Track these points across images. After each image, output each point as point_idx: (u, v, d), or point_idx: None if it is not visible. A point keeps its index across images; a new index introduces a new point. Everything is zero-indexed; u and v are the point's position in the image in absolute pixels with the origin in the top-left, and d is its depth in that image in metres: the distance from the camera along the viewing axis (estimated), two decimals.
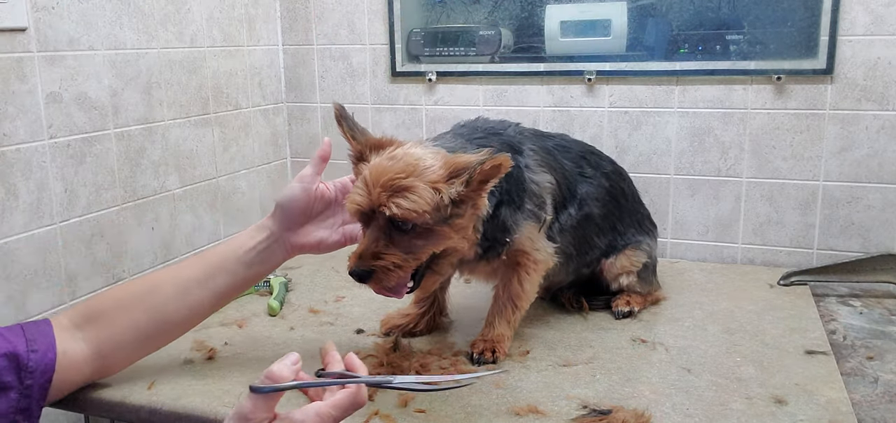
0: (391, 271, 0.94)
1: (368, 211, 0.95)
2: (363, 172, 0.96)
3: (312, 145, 1.82)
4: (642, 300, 1.27)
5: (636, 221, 1.29)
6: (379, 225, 0.95)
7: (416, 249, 0.95)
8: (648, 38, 1.51)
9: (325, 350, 0.83)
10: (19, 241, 1.15)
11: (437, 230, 0.95)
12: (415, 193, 0.91)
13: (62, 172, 1.22)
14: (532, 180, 1.09)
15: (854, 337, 1.18)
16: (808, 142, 1.46)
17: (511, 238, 1.06)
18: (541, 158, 1.12)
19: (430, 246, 0.96)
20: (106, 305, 0.98)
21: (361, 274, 0.94)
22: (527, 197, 1.08)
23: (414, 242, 0.95)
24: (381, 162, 0.95)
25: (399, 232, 0.94)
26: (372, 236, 0.95)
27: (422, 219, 0.92)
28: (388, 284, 0.95)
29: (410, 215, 0.91)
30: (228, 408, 0.95)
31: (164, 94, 1.42)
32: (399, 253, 0.94)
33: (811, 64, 1.42)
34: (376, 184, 0.93)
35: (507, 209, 1.05)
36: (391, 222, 0.93)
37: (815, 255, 1.50)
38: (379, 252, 0.94)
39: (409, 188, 0.92)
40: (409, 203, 0.91)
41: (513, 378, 1.03)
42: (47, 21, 1.17)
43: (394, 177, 0.92)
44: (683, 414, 0.92)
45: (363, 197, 0.94)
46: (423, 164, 0.94)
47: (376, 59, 1.72)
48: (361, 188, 0.95)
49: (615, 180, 1.27)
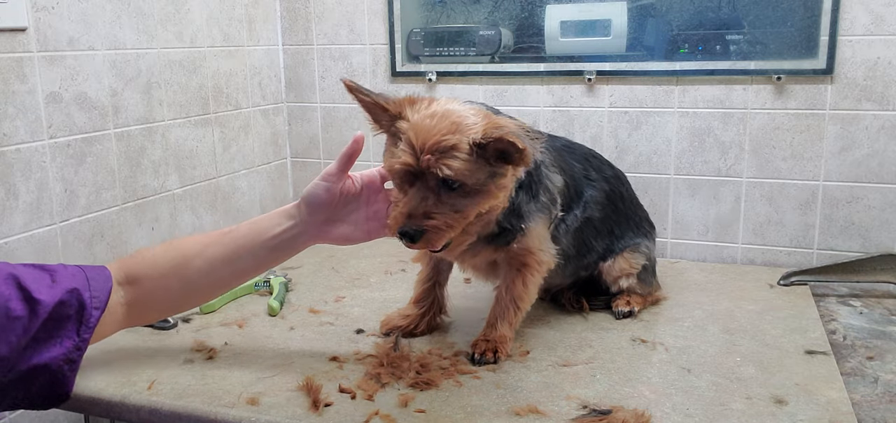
0: (443, 231, 0.94)
1: (416, 171, 0.95)
2: (405, 130, 0.96)
3: (312, 145, 1.82)
4: (642, 301, 1.27)
5: (634, 224, 1.29)
6: (427, 185, 0.95)
7: (463, 207, 0.95)
8: (648, 38, 1.51)
9: None
10: (19, 241, 1.15)
11: (483, 189, 0.95)
12: (462, 151, 0.92)
13: (62, 172, 1.22)
14: (548, 177, 1.10)
15: (854, 337, 1.18)
16: (808, 142, 1.46)
17: (525, 226, 1.06)
18: (553, 158, 1.14)
19: (476, 204, 0.96)
20: (144, 270, 1.02)
21: (413, 234, 0.94)
22: (542, 190, 1.08)
23: (461, 200, 0.95)
24: (423, 121, 0.95)
25: (447, 191, 0.94)
26: (420, 195, 0.95)
27: (472, 177, 0.93)
28: (438, 243, 0.95)
29: (463, 174, 0.92)
30: (228, 408, 0.95)
31: (164, 94, 1.42)
32: (450, 212, 0.94)
33: (811, 64, 1.42)
34: (424, 144, 0.93)
35: (524, 195, 1.06)
36: (441, 181, 0.94)
37: (815, 255, 1.50)
38: (429, 212, 0.94)
39: (457, 147, 0.92)
40: (460, 163, 0.92)
41: (513, 378, 1.03)
42: (47, 21, 1.17)
43: (441, 138, 0.92)
44: (683, 414, 0.92)
45: (411, 157, 0.94)
46: (466, 121, 0.94)
47: (376, 59, 1.72)
48: (408, 149, 0.94)
49: (614, 185, 1.27)
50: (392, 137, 1.00)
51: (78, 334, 0.93)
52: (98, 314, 0.94)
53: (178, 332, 1.22)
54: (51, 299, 0.90)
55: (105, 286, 0.97)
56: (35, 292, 0.89)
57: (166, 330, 1.21)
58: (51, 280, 0.92)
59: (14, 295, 0.88)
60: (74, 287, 0.93)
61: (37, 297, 0.89)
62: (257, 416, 0.93)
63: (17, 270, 0.90)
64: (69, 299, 0.92)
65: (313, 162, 1.83)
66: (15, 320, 0.87)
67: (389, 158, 0.98)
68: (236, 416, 0.93)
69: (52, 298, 0.90)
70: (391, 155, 0.98)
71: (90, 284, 0.95)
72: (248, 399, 0.97)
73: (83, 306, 0.93)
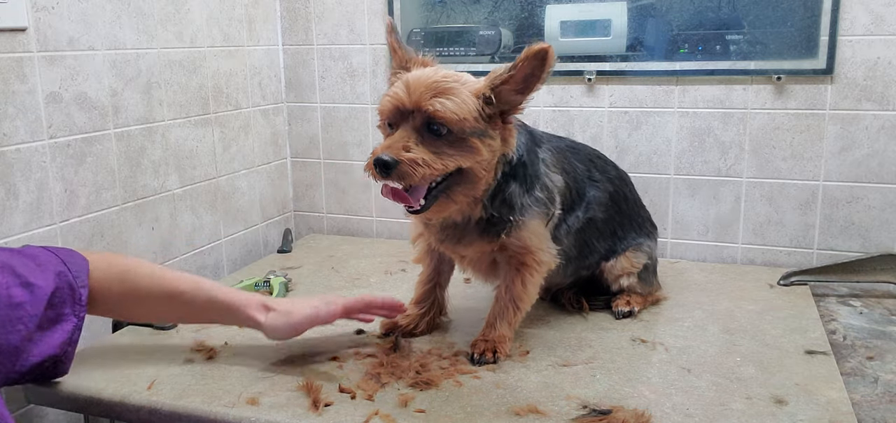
0: (418, 167, 0.93)
1: (406, 110, 0.96)
2: (404, 77, 0.98)
3: (312, 145, 1.82)
4: (642, 300, 1.27)
5: (636, 224, 1.29)
6: (413, 125, 0.96)
7: (445, 155, 0.96)
8: (648, 38, 1.51)
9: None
10: (19, 241, 1.15)
11: (469, 141, 0.96)
12: (458, 96, 0.94)
13: (62, 172, 1.22)
14: (547, 174, 1.10)
15: (854, 337, 1.18)
16: (808, 142, 1.46)
17: (516, 218, 1.06)
18: (556, 159, 1.14)
19: (459, 156, 0.96)
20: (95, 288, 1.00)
21: (387, 163, 0.92)
22: (539, 186, 1.08)
23: (445, 148, 0.95)
24: (425, 72, 0.98)
25: (432, 135, 0.95)
26: (402, 134, 0.95)
27: (460, 125, 0.94)
28: (411, 179, 0.94)
29: (451, 115, 0.93)
30: (228, 408, 0.95)
31: (164, 94, 1.42)
32: (429, 152, 0.94)
33: (811, 64, 1.42)
34: (419, 85, 0.95)
35: (516, 186, 1.05)
36: (427, 124, 0.94)
37: (815, 255, 1.50)
38: (408, 147, 0.94)
39: (452, 91, 0.94)
40: (453, 104, 0.93)
41: (513, 378, 1.03)
42: (47, 21, 1.17)
43: (438, 81, 0.95)
44: (683, 414, 0.92)
45: (404, 95, 0.95)
46: (465, 77, 0.98)
47: (376, 59, 1.72)
48: (402, 88, 0.96)
49: (618, 186, 1.27)
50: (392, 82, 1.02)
51: (75, 314, 0.95)
52: (86, 292, 0.97)
53: (178, 332, 1.22)
54: (45, 282, 0.91)
55: (82, 265, 0.98)
56: (30, 277, 0.90)
57: (166, 330, 1.21)
58: (35, 264, 0.92)
59: (12, 282, 0.88)
60: (59, 269, 0.94)
61: (33, 281, 0.90)
62: (257, 416, 0.93)
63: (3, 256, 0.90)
64: (60, 282, 0.94)
65: (313, 162, 1.83)
66: (19, 307, 0.88)
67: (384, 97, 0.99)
68: (236, 416, 0.94)
69: (46, 281, 0.91)
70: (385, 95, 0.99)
71: (67, 264, 0.96)
72: (248, 399, 0.97)
73: (72, 286, 0.95)
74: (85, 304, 0.96)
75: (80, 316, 0.96)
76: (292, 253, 1.69)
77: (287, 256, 1.67)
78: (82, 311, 0.96)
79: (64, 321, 0.95)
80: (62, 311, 0.94)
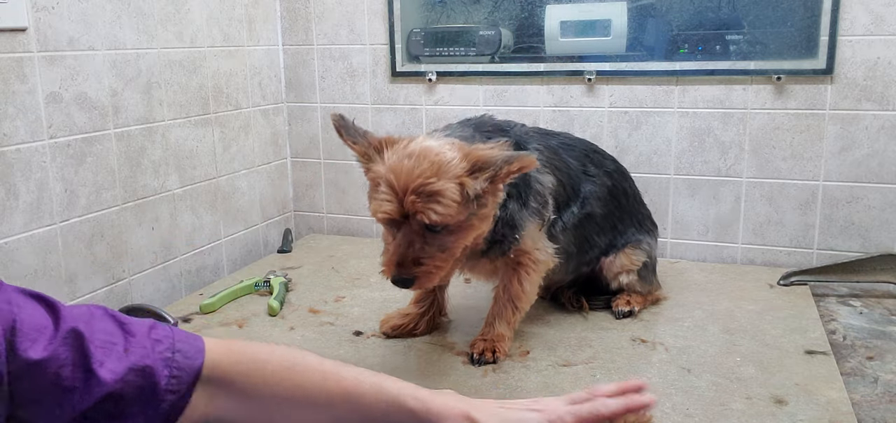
0: (433, 273, 0.97)
1: (400, 220, 0.95)
2: (384, 174, 0.95)
3: (312, 145, 1.82)
4: (642, 300, 1.27)
5: (637, 220, 1.29)
6: (412, 229, 0.95)
7: (450, 246, 0.97)
8: (648, 38, 1.51)
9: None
10: (19, 241, 1.15)
11: (466, 224, 0.97)
12: (445, 196, 0.92)
13: (62, 172, 1.22)
14: (537, 180, 1.10)
15: (854, 337, 1.18)
16: (808, 142, 1.46)
17: (519, 234, 1.07)
18: (545, 159, 1.13)
19: (461, 240, 0.98)
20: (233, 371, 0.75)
21: (406, 280, 0.96)
22: (532, 195, 1.09)
23: (447, 240, 0.97)
24: (402, 162, 0.94)
25: (432, 232, 0.96)
26: (406, 241, 0.96)
27: (455, 219, 0.94)
28: (431, 284, 0.98)
29: (446, 218, 0.93)
30: None
31: (164, 94, 1.42)
32: (438, 254, 0.96)
33: (811, 64, 1.42)
34: (406, 190, 0.93)
35: (515, 204, 1.06)
36: (425, 226, 0.95)
37: (815, 255, 1.50)
38: (418, 257, 0.95)
39: (439, 192, 0.92)
40: (443, 207, 0.92)
41: (513, 378, 1.03)
42: (47, 21, 1.17)
43: (423, 182, 0.92)
44: (683, 414, 0.92)
45: (394, 205, 0.94)
46: (444, 159, 0.94)
47: (376, 59, 1.72)
48: (390, 195, 0.94)
49: (617, 179, 1.27)
50: (372, 181, 0.99)
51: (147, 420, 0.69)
52: (172, 399, 0.70)
53: None
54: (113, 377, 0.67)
55: (192, 365, 0.72)
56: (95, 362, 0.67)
57: None
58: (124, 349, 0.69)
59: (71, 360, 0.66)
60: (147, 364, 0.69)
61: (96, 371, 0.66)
62: None
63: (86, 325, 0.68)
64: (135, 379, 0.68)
65: (313, 162, 1.83)
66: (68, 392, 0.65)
67: (373, 205, 0.97)
68: None
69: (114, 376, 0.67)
70: (373, 200, 0.98)
71: (174, 357, 0.71)
72: None
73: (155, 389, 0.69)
74: (162, 414, 0.70)
75: None
76: (292, 253, 1.69)
77: (287, 256, 1.67)
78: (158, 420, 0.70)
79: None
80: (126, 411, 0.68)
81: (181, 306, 1.30)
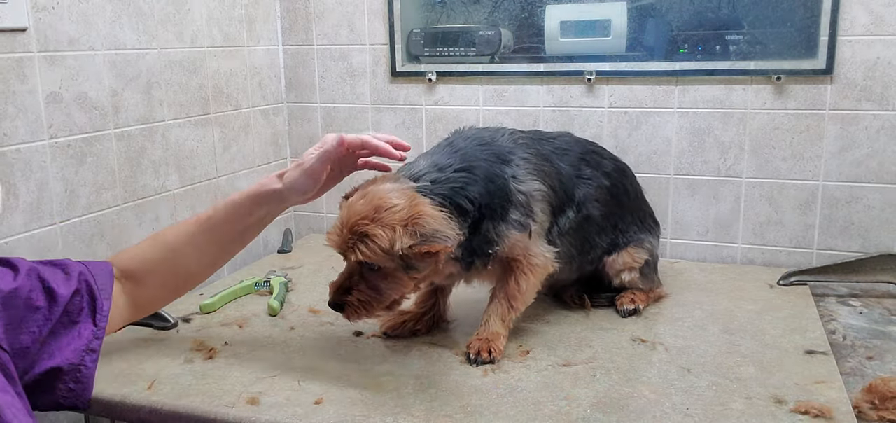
0: (358, 309, 1.02)
1: (342, 252, 1.01)
2: (341, 210, 1.03)
3: (312, 145, 1.81)
4: (646, 297, 1.27)
5: (638, 219, 1.30)
6: (352, 263, 1.01)
7: (380, 289, 1.02)
8: (648, 38, 1.51)
9: None
10: (19, 241, 1.15)
11: (397, 276, 1.00)
12: (374, 240, 0.96)
13: (62, 172, 1.22)
14: (519, 191, 1.09)
15: (854, 337, 1.18)
16: (808, 142, 1.46)
17: (493, 250, 1.08)
18: (533, 166, 1.13)
19: (392, 290, 1.02)
20: (136, 266, 1.06)
21: (337, 305, 1.03)
22: (512, 208, 1.09)
23: (379, 282, 1.01)
24: (355, 201, 1.01)
25: (369, 270, 1.01)
26: (347, 272, 1.03)
27: (383, 262, 0.98)
28: (358, 318, 1.03)
29: (371, 258, 0.97)
30: (228, 408, 0.95)
31: (165, 94, 1.42)
32: (368, 292, 1.01)
33: (811, 64, 1.42)
34: (346, 226, 0.99)
35: (489, 223, 1.07)
36: (360, 263, 1.00)
37: (814, 255, 1.50)
38: (350, 288, 1.02)
39: (367, 235, 0.97)
40: (369, 249, 0.97)
41: (513, 378, 1.03)
42: (47, 21, 1.17)
43: (358, 221, 0.98)
44: (683, 414, 0.92)
45: (335, 240, 1.01)
46: (386, 204, 0.98)
47: (376, 59, 1.72)
48: (336, 229, 1.01)
49: (617, 179, 1.27)
50: None
51: (94, 323, 0.96)
52: (109, 305, 0.98)
53: (178, 332, 1.22)
54: (66, 291, 0.94)
55: (109, 279, 1.01)
56: (53, 284, 0.93)
57: (166, 330, 1.22)
58: (64, 274, 0.95)
59: (36, 287, 0.91)
60: (84, 280, 0.97)
61: (55, 289, 0.93)
62: (257, 416, 0.93)
63: (36, 264, 0.94)
64: (81, 290, 0.96)
65: None
66: (36, 311, 0.90)
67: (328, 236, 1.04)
68: (236, 416, 0.94)
69: (68, 290, 0.94)
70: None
71: (95, 277, 0.99)
72: (248, 399, 0.97)
73: (94, 297, 0.97)
74: (106, 314, 0.97)
75: (101, 325, 0.96)
76: (292, 253, 1.69)
77: (287, 256, 1.67)
78: (103, 320, 0.97)
79: (80, 327, 0.95)
80: (79, 318, 0.95)
81: (181, 305, 1.30)
